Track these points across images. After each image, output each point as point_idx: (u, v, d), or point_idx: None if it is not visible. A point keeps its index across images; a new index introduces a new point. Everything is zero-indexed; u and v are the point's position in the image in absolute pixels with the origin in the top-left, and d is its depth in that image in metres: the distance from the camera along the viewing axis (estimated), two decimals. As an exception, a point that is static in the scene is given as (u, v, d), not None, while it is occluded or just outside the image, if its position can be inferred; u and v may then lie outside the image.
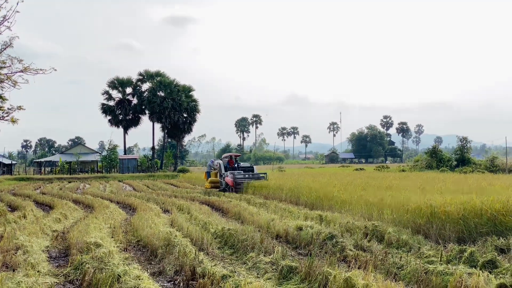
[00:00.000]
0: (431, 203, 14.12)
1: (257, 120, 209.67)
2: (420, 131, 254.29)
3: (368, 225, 13.88)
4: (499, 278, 7.90)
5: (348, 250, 11.27)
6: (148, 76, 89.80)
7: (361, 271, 8.44)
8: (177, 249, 10.92)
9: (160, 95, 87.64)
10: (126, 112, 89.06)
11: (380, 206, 16.29)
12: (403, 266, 9.39)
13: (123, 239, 13.76)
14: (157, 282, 9.14)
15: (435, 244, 12.03)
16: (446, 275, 8.31)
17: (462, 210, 12.94)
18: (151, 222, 15.73)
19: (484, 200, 13.38)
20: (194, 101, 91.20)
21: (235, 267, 10.23)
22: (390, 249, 11.53)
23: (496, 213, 12.38)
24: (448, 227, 12.74)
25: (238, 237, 12.72)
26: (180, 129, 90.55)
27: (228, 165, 35.70)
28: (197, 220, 17.05)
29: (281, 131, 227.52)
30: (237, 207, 20.57)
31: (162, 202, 25.03)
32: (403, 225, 14.09)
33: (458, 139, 66.11)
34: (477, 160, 66.40)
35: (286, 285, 8.56)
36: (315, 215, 16.90)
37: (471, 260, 9.68)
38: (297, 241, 13.07)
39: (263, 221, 15.90)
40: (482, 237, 11.87)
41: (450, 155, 66.75)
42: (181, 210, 21.11)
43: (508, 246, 10.83)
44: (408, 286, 8.22)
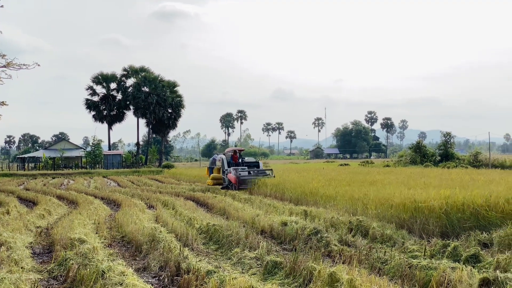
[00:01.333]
0: (415, 198, 14.22)
1: (242, 116, 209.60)
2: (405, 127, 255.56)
3: (352, 220, 13.92)
4: (482, 273, 7.95)
5: (333, 245, 11.30)
6: (133, 71, 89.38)
7: (345, 266, 8.47)
8: (162, 245, 10.90)
9: (145, 90, 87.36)
10: (110, 108, 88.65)
11: (364, 201, 16.34)
12: (387, 261, 9.44)
13: (107, 235, 13.73)
14: (142, 278, 9.10)
15: (419, 239, 12.10)
16: (430, 270, 8.35)
17: (446, 205, 13.02)
18: (136, 218, 15.68)
19: (467, 195, 13.48)
20: (179, 96, 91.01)
21: (220, 263, 10.22)
22: (374, 244, 11.58)
23: (479, 208, 12.48)
24: (432, 222, 12.82)
25: (223, 232, 12.72)
26: (165, 125, 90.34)
27: (231, 161, 32.52)
28: (182, 216, 17.03)
29: (266, 126, 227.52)
30: (222, 203, 20.57)
31: (147, 198, 24.99)
32: (387, 220, 14.15)
33: (442, 134, 66.50)
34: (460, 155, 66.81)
35: (271, 281, 8.56)
36: (300, 211, 16.93)
37: (455, 255, 9.74)
38: (282, 236, 13.09)
39: (248, 216, 15.91)
40: (466, 231, 11.95)
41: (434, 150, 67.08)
42: (166, 206, 21.08)
43: (491, 241, 10.92)
44: (392, 280, 8.24)
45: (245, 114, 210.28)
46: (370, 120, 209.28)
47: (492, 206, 12.46)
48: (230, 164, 31.98)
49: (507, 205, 12.28)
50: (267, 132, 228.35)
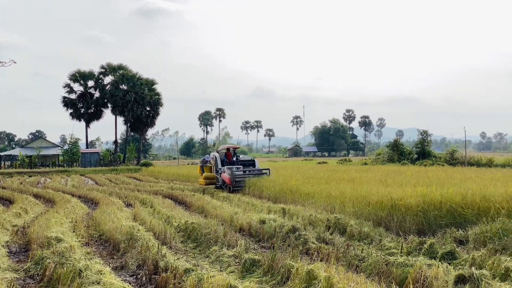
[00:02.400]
0: (392, 196, 14.32)
1: (220, 114, 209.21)
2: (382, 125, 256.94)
3: (330, 218, 13.98)
4: (458, 269, 8.04)
5: (311, 243, 11.34)
6: (111, 69, 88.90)
7: (323, 264, 8.53)
8: (140, 243, 10.88)
9: (123, 88, 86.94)
10: (88, 106, 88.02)
11: (342, 199, 16.42)
12: (365, 258, 9.50)
13: (84, 234, 13.65)
14: (119, 276, 9.08)
15: (396, 236, 12.18)
16: (407, 267, 8.43)
17: (422, 203, 13.13)
18: (114, 216, 15.62)
19: (444, 192, 13.61)
20: (157, 94, 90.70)
21: (198, 261, 10.24)
22: (352, 241, 11.65)
23: (455, 206, 12.59)
24: (409, 219, 12.92)
25: (202, 230, 12.71)
26: (143, 123, 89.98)
27: (225, 159, 30.12)
28: (160, 214, 16.99)
29: (244, 124, 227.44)
30: (200, 201, 20.55)
31: (125, 196, 24.89)
32: (365, 217, 14.23)
33: (419, 132, 66.90)
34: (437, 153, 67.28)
35: (249, 278, 8.58)
36: (278, 208, 16.96)
37: (431, 252, 9.83)
38: (260, 234, 13.11)
39: (226, 214, 15.92)
40: (442, 229, 12.06)
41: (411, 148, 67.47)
42: (144, 204, 21.01)
43: (467, 238, 11.03)
44: (369, 278, 8.29)
45: (223, 112, 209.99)
46: (348, 118, 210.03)
47: (468, 204, 12.58)
48: (224, 163, 29.71)
49: (482, 203, 12.40)
50: (246, 130, 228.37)
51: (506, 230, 10.35)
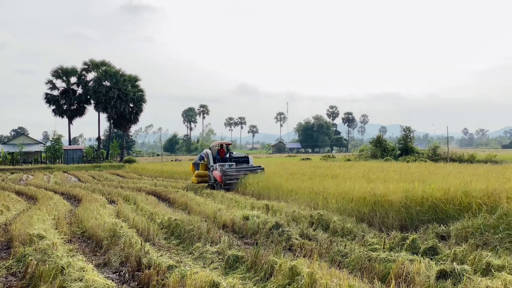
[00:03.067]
0: (374, 192, 14.37)
1: (204, 110, 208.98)
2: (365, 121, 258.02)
3: (313, 214, 14.00)
4: (440, 265, 8.10)
5: (294, 239, 11.37)
6: (94, 65, 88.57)
7: (306, 260, 8.54)
8: (123, 240, 10.85)
9: (106, 85, 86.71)
10: (70, 102, 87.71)
11: (325, 195, 16.47)
12: (348, 254, 9.54)
13: (67, 231, 13.59)
14: (102, 273, 9.05)
15: (379, 232, 12.24)
16: (389, 262, 8.48)
17: (405, 199, 13.20)
18: (97, 213, 15.55)
19: (426, 188, 13.68)
20: (141, 91, 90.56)
21: (182, 257, 10.22)
22: (335, 237, 11.68)
23: (437, 201, 12.67)
24: (391, 215, 13.00)
25: (185, 227, 12.70)
26: (126, 119, 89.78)
27: (217, 156, 28.77)
28: (144, 211, 16.96)
29: (228, 121, 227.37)
30: (183, 197, 20.52)
31: (108, 193, 24.79)
32: (348, 213, 14.29)
33: (402, 128, 67.23)
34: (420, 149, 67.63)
35: (232, 274, 8.59)
36: (261, 205, 16.98)
37: (413, 247, 9.89)
38: (244, 230, 13.13)
39: (209, 211, 15.91)
40: (424, 224, 12.13)
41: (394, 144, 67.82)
42: (127, 201, 20.95)
43: (449, 233, 11.11)
44: (351, 273, 8.34)
45: (207, 108, 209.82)
46: (331, 114, 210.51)
47: (450, 199, 12.66)
48: (216, 160, 28.36)
49: (464, 198, 12.49)
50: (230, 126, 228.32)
51: (487, 226, 10.43)
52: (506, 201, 11.43)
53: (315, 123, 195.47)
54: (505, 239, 9.73)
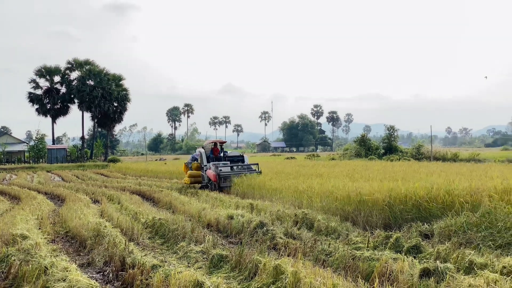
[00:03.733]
0: (359, 191, 14.42)
1: (189, 110, 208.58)
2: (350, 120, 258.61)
3: (298, 213, 14.03)
4: (423, 263, 8.14)
5: (278, 238, 11.38)
6: (77, 64, 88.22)
7: (290, 259, 8.56)
8: (107, 240, 10.80)
9: (90, 84, 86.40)
10: (54, 101, 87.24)
11: (310, 194, 16.50)
12: (332, 253, 9.56)
13: (51, 231, 13.53)
14: (86, 273, 9.02)
15: (363, 231, 12.28)
16: (373, 261, 8.52)
17: (389, 197, 13.25)
18: (80, 212, 15.48)
19: (409, 187, 13.74)
20: (125, 90, 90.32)
21: (166, 257, 10.21)
22: (319, 236, 11.71)
23: (421, 200, 12.74)
24: (375, 214, 13.05)
25: (169, 226, 12.67)
26: (111, 119, 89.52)
27: (211, 155, 27.70)
28: (128, 210, 16.91)
29: (213, 120, 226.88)
30: (168, 197, 20.49)
31: (92, 193, 24.70)
32: (332, 212, 14.33)
33: (386, 127, 67.57)
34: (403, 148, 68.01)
35: (216, 274, 8.59)
36: (246, 204, 16.99)
37: (397, 246, 9.94)
38: (228, 230, 13.14)
39: (194, 210, 15.90)
40: (407, 223, 12.18)
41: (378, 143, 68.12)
42: (112, 200, 20.88)
43: (432, 232, 11.17)
44: (335, 272, 8.36)
45: (192, 107, 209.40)
46: (316, 113, 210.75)
47: (433, 198, 12.73)
48: (209, 159, 27.24)
49: (447, 197, 12.56)
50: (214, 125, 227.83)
51: (470, 224, 10.50)
52: (488, 200, 11.53)
53: (300, 122, 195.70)
54: (487, 237, 9.81)
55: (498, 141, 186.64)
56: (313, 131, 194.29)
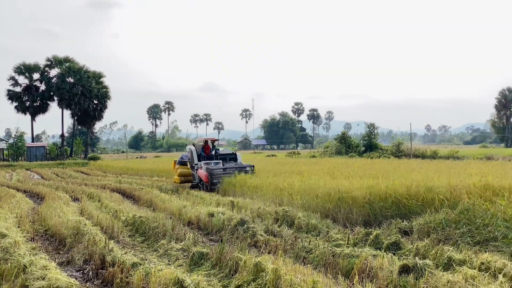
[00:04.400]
0: (339, 188, 14.48)
1: (169, 107, 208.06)
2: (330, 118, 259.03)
3: (278, 211, 14.06)
4: (403, 259, 8.20)
5: (259, 235, 11.40)
6: (57, 61, 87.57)
7: (271, 256, 8.60)
8: (87, 238, 10.75)
9: (69, 81, 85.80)
10: (33, 99, 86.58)
11: (290, 192, 16.54)
12: (312, 250, 9.60)
13: (30, 229, 13.41)
14: (65, 271, 8.96)
15: (343, 228, 12.33)
16: (353, 258, 8.57)
17: (369, 195, 13.33)
18: (60, 211, 15.38)
19: (389, 184, 13.83)
20: (105, 87, 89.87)
21: (146, 255, 10.19)
22: (299, 233, 11.74)
23: (400, 197, 12.83)
24: (355, 211, 13.11)
25: (150, 224, 12.63)
26: (91, 116, 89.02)
27: (202, 153, 26.39)
28: (108, 208, 16.82)
29: (193, 118, 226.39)
30: (148, 194, 20.43)
31: (72, 191, 24.53)
32: (312, 210, 14.37)
33: (366, 125, 67.90)
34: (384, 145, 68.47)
35: (197, 271, 8.58)
36: (227, 201, 16.99)
37: (377, 243, 10.00)
38: (209, 227, 13.13)
39: (175, 208, 15.87)
40: (387, 220, 12.25)
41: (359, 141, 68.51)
42: (92, 198, 20.76)
43: (411, 228, 11.25)
44: (316, 269, 8.40)
45: (172, 105, 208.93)
46: (297, 111, 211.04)
47: (412, 195, 12.82)
48: (200, 157, 25.84)
49: (427, 194, 12.65)
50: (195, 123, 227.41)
51: (449, 221, 10.60)
52: (467, 197, 11.64)
53: (281, 119, 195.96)
54: (466, 234, 9.90)
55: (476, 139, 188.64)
56: (294, 128, 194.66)
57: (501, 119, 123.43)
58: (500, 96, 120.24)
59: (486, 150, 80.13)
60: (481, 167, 21.78)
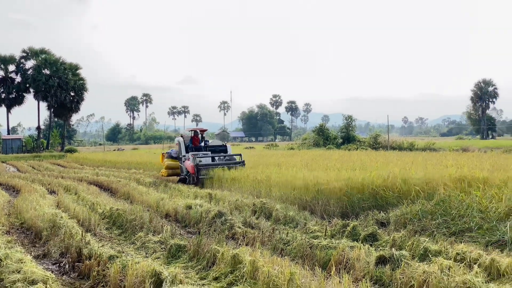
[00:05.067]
0: (317, 180, 14.53)
1: (147, 99, 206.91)
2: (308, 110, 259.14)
3: (256, 203, 14.07)
4: (379, 250, 8.27)
5: (237, 228, 11.41)
6: (33, 53, 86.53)
7: (248, 248, 8.61)
8: (63, 231, 10.67)
9: (46, 73, 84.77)
10: (9, 91, 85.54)
11: (268, 184, 16.56)
12: (290, 242, 9.62)
13: (5, 222, 13.28)
14: (41, 265, 8.89)
15: (321, 220, 12.39)
16: (330, 249, 8.61)
17: (346, 186, 13.39)
18: (36, 203, 15.24)
19: (367, 176, 13.90)
20: (82, 79, 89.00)
21: (123, 247, 10.16)
22: (277, 225, 11.76)
23: (377, 188, 12.91)
24: (333, 202, 13.16)
25: (127, 217, 12.58)
26: (67, 108, 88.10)
27: (191, 144, 25.07)
28: (85, 201, 16.71)
29: (171, 110, 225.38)
30: (126, 187, 20.32)
31: (48, 183, 24.33)
32: (290, 201, 14.40)
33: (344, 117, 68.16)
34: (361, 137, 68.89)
35: (174, 264, 8.58)
36: (204, 194, 16.97)
37: (354, 234, 10.06)
38: (187, 219, 13.11)
39: (152, 200, 15.82)
40: (364, 211, 12.31)
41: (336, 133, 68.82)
42: (68, 191, 20.60)
43: (388, 220, 11.32)
44: (293, 261, 8.42)
45: (150, 97, 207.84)
46: (275, 103, 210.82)
47: (389, 187, 12.91)
48: (188, 149, 24.59)
49: (403, 185, 12.75)
50: (173, 115, 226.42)
51: (425, 212, 10.69)
52: (443, 188, 11.72)
53: (259, 112, 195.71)
54: (441, 225, 10.00)
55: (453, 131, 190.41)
56: (272, 121, 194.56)
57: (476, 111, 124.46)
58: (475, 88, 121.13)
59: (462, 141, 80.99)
60: (457, 158, 21.99)
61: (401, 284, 6.98)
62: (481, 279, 6.56)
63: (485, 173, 13.09)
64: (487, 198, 10.43)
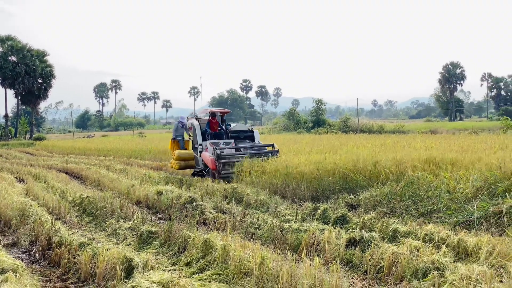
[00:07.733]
0: (287, 164, 14.60)
1: (116, 86, 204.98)
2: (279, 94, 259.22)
3: (227, 188, 14.11)
4: (349, 233, 8.34)
5: (208, 213, 11.43)
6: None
7: (220, 233, 8.64)
8: (33, 219, 10.57)
9: (12, 60, 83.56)
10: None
11: (238, 169, 16.56)
12: (261, 226, 9.66)
13: (-27, 212, 13.11)
14: (11, 253, 8.81)
15: (291, 203, 12.47)
16: (301, 232, 8.66)
17: (316, 170, 13.48)
18: (5, 192, 15.03)
19: (336, 159, 14.01)
20: (49, 66, 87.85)
21: (94, 235, 10.10)
22: (248, 210, 11.80)
23: (347, 172, 13.01)
24: (303, 186, 13.25)
25: (97, 204, 12.49)
26: (35, 96, 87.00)
27: (208, 129, 19.64)
28: (54, 189, 16.55)
29: (141, 96, 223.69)
30: (96, 174, 20.18)
31: (17, 171, 24.04)
32: (261, 186, 14.44)
33: (314, 101, 68.40)
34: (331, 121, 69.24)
35: (146, 250, 8.57)
36: (175, 180, 16.95)
37: (324, 217, 10.14)
38: (158, 206, 13.09)
39: (123, 187, 15.74)
40: (335, 194, 12.42)
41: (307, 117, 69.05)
42: (37, 179, 20.37)
43: (358, 202, 11.45)
44: (264, 244, 8.46)
45: (119, 84, 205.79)
46: (245, 88, 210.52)
47: (359, 169, 13.03)
48: (205, 136, 19.27)
49: (373, 168, 12.88)
50: (143, 101, 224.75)
51: (394, 194, 10.81)
52: (411, 170, 11.86)
53: (229, 97, 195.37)
54: (410, 206, 10.13)
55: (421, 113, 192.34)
56: (242, 105, 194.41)
57: (444, 93, 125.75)
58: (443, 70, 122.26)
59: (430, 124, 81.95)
60: (425, 140, 22.21)
61: (371, 265, 7.06)
62: (449, 259, 6.68)
63: (453, 154, 13.27)
64: (455, 179, 10.57)
